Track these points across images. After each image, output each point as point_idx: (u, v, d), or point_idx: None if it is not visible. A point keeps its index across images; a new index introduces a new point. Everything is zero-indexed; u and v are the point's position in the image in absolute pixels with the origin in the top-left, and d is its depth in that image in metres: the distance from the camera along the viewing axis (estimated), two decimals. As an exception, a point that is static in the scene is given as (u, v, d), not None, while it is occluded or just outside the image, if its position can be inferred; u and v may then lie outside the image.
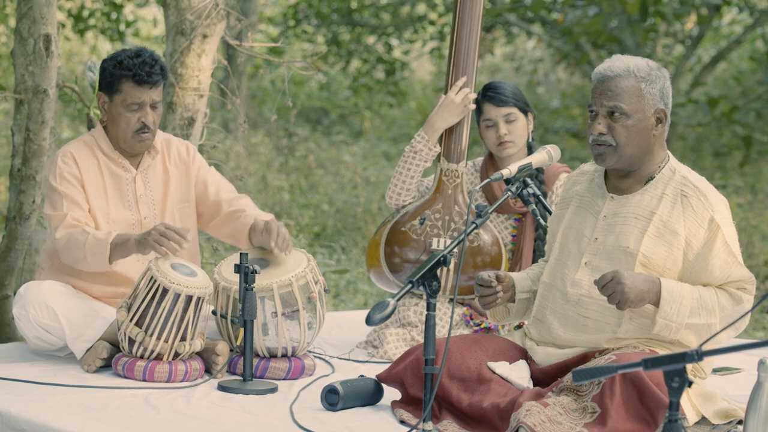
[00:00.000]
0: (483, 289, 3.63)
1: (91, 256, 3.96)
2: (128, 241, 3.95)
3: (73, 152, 4.16)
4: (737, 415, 3.44)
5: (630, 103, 3.43)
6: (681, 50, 12.78)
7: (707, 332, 3.40)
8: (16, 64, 5.01)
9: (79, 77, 8.52)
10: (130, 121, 4.12)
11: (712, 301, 3.40)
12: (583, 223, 3.59)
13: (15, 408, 3.41)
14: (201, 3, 4.89)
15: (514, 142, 4.54)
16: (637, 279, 3.34)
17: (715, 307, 3.40)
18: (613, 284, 3.33)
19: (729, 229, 3.46)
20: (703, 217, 3.42)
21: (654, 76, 3.45)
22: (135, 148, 4.17)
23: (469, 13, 4.58)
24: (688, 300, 3.38)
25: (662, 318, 3.36)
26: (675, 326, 3.38)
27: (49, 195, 4.13)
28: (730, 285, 3.45)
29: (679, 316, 3.37)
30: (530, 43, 15.90)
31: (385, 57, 14.27)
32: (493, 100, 4.55)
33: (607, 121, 3.45)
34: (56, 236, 4.04)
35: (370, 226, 8.99)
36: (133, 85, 4.09)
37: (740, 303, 3.42)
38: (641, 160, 3.49)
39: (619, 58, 3.49)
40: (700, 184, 3.48)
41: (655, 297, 3.37)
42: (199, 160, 4.36)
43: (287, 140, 11.82)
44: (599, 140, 3.46)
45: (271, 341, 4.01)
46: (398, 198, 4.63)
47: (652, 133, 3.47)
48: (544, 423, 3.16)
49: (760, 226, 8.69)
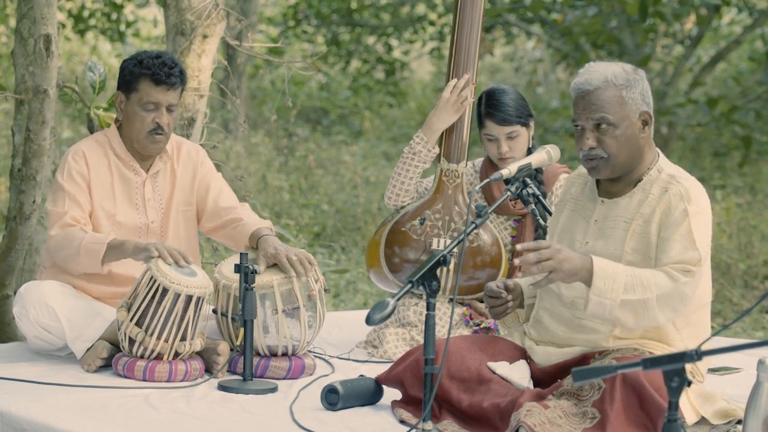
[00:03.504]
0: (493, 300, 3.63)
1: (84, 253, 3.96)
2: (126, 244, 3.96)
3: (85, 151, 4.16)
4: (736, 415, 3.44)
5: (615, 113, 3.42)
6: (680, 50, 12.79)
7: (644, 310, 3.30)
8: (17, 64, 5.01)
9: (80, 77, 8.53)
10: (144, 121, 4.12)
11: (647, 277, 3.31)
12: (575, 226, 3.60)
13: (15, 408, 3.41)
14: (201, 3, 4.90)
15: (515, 157, 4.54)
16: (573, 255, 3.29)
17: (651, 284, 3.30)
18: (551, 251, 3.26)
19: (698, 221, 3.37)
20: (677, 206, 3.38)
21: (632, 80, 3.43)
22: (148, 149, 4.17)
23: (469, 13, 4.59)
24: (621, 276, 3.30)
25: (596, 295, 3.28)
26: (609, 303, 3.28)
27: (53, 190, 4.14)
28: (674, 266, 3.35)
29: (613, 293, 3.28)
30: (530, 44, 15.91)
31: (385, 57, 14.28)
32: (495, 118, 4.51)
33: (595, 134, 3.44)
34: (51, 233, 4.05)
35: (370, 226, 9.00)
36: (151, 85, 4.10)
37: (676, 281, 3.31)
38: (633, 164, 3.49)
39: (594, 68, 3.46)
40: (684, 181, 3.45)
41: (587, 275, 3.29)
42: (208, 165, 4.36)
43: (287, 140, 11.83)
44: (590, 155, 3.45)
45: (272, 339, 4.02)
46: (397, 199, 4.64)
47: (640, 136, 3.47)
48: (544, 424, 3.16)
49: (759, 226, 8.69)
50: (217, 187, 4.33)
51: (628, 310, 3.32)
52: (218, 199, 4.30)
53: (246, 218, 4.24)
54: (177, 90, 4.15)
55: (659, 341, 3.47)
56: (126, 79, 4.16)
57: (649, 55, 11.42)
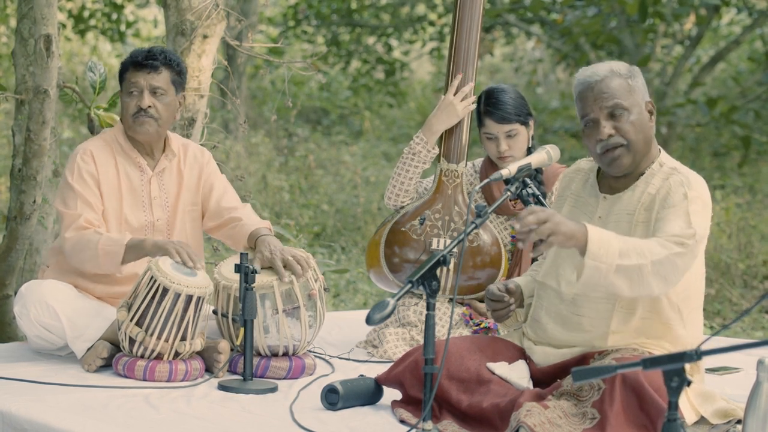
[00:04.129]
0: (495, 304, 3.63)
1: (104, 255, 3.98)
2: (145, 242, 3.99)
3: (93, 150, 4.18)
4: (736, 415, 3.44)
5: (626, 98, 3.43)
6: (680, 51, 12.79)
7: (639, 276, 3.24)
8: (17, 64, 5.02)
9: (80, 78, 8.53)
10: (128, 106, 4.16)
11: (641, 245, 3.28)
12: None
13: (16, 407, 3.41)
14: (201, 3, 4.90)
15: (514, 156, 4.54)
16: (566, 219, 3.24)
17: (645, 251, 3.26)
18: (547, 213, 3.21)
19: (697, 205, 3.35)
20: (677, 191, 3.37)
21: (634, 71, 3.49)
22: (137, 134, 4.18)
23: (469, 13, 4.59)
24: (615, 242, 3.25)
25: (591, 259, 3.21)
26: (605, 268, 3.22)
27: (63, 191, 4.14)
28: (668, 238, 3.31)
29: (609, 257, 3.22)
30: (529, 44, 15.91)
31: (385, 57, 14.29)
32: (495, 116, 4.51)
33: (611, 122, 3.43)
34: (66, 235, 4.05)
35: (370, 226, 9.00)
36: (133, 70, 4.16)
37: (669, 250, 3.26)
38: (644, 155, 3.49)
39: (594, 64, 3.51)
40: (686, 173, 3.45)
41: (582, 239, 3.23)
42: (213, 166, 4.38)
43: (287, 140, 11.83)
44: (609, 144, 3.42)
45: (273, 339, 4.02)
46: (397, 199, 4.64)
47: (649, 125, 3.49)
48: (544, 424, 3.16)
49: (758, 226, 8.70)
50: (221, 187, 4.35)
51: (622, 276, 3.24)
52: (221, 200, 4.32)
53: (245, 218, 4.26)
54: (160, 74, 4.16)
55: (655, 338, 3.46)
56: (119, 74, 4.23)
57: (648, 56, 11.43)
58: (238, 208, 4.32)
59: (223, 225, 4.30)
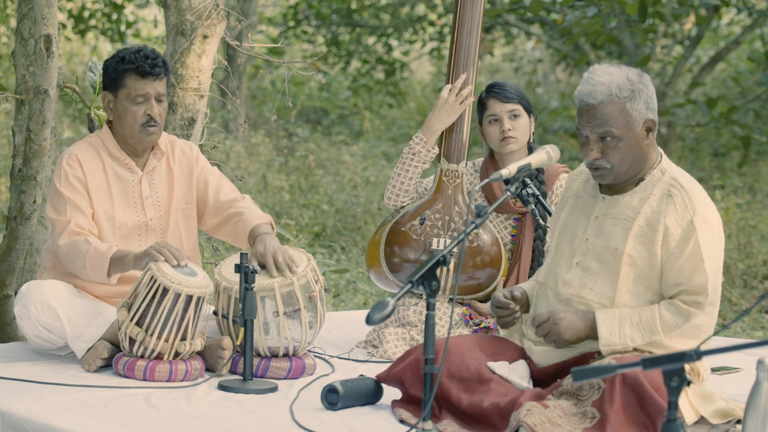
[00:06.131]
0: (501, 311, 3.65)
1: (90, 267, 3.99)
2: (127, 257, 3.97)
3: (78, 154, 4.16)
4: (736, 415, 3.45)
5: (619, 126, 3.42)
6: (680, 51, 12.79)
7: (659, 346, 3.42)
8: (17, 64, 5.02)
9: (80, 78, 8.54)
10: (136, 115, 4.13)
11: (652, 319, 3.41)
12: (576, 223, 3.61)
13: (16, 407, 3.42)
14: (201, 4, 4.90)
15: (518, 138, 4.55)
16: (573, 319, 3.43)
17: (657, 326, 3.40)
18: (549, 324, 3.43)
19: (706, 234, 3.40)
20: (683, 217, 3.40)
21: (636, 90, 3.41)
22: (143, 143, 4.17)
23: (469, 13, 4.60)
24: (626, 321, 3.42)
25: (605, 345, 3.41)
26: (621, 348, 3.42)
27: (52, 198, 4.14)
28: (684, 297, 3.41)
29: (622, 338, 3.40)
30: (529, 44, 15.92)
31: (385, 57, 14.29)
32: (499, 96, 4.56)
33: (600, 145, 3.45)
34: (59, 243, 4.05)
35: (370, 226, 9.00)
36: (137, 78, 4.11)
37: (688, 319, 3.39)
38: (636, 170, 3.50)
39: (598, 78, 3.42)
40: (688, 185, 3.46)
41: (593, 332, 3.44)
42: (203, 160, 4.37)
43: (287, 140, 11.83)
44: (594, 164, 3.48)
45: (273, 341, 4.02)
46: (396, 199, 4.64)
47: (644, 143, 3.48)
48: (544, 423, 3.17)
49: (758, 226, 8.70)
50: (215, 181, 4.34)
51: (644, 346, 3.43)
52: (218, 194, 4.31)
53: (246, 213, 4.24)
54: (163, 80, 4.15)
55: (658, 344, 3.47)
56: (111, 78, 4.16)
57: (648, 56, 11.42)
58: (237, 200, 4.31)
59: (224, 222, 4.29)
